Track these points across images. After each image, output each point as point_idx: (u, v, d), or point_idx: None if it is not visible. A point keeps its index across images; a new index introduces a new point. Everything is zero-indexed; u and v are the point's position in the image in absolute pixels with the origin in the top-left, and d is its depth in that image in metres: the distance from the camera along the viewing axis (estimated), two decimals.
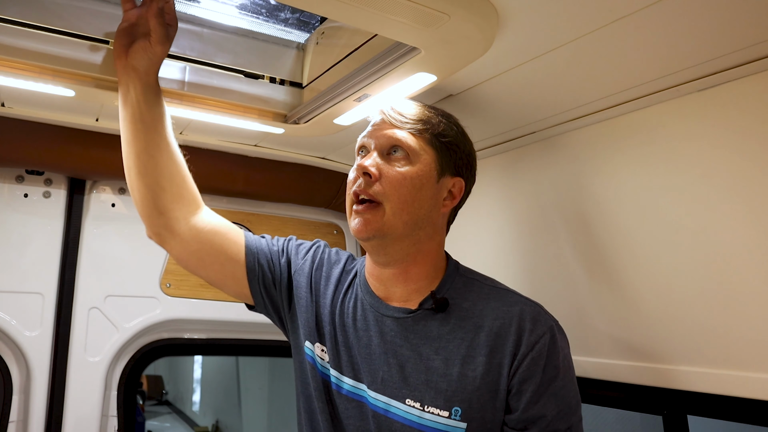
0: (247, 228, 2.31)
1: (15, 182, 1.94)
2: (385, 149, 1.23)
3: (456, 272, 1.30)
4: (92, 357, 1.99)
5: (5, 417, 1.91)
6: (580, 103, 1.47)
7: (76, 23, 1.42)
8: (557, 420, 1.13)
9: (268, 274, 1.38)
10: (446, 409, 1.14)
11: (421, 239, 1.24)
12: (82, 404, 1.98)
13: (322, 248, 1.46)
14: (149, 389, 10.49)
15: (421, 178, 1.20)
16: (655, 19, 1.07)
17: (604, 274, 1.58)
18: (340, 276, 1.38)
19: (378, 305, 1.27)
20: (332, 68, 1.57)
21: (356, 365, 1.26)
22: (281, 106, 1.72)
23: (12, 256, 1.91)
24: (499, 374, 1.14)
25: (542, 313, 1.20)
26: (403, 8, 1.02)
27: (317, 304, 1.35)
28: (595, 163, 1.57)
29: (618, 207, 1.52)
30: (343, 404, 1.25)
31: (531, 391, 1.13)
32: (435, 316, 1.22)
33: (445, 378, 1.16)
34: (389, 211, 1.18)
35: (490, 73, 1.37)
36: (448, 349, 1.18)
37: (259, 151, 2.10)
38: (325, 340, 1.31)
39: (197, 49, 1.61)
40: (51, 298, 1.96)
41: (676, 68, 1.25)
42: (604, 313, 1.61)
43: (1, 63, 1.40)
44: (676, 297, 1.42)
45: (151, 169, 1.28)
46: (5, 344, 1.92)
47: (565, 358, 1.18)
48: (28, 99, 1.64)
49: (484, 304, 1.22)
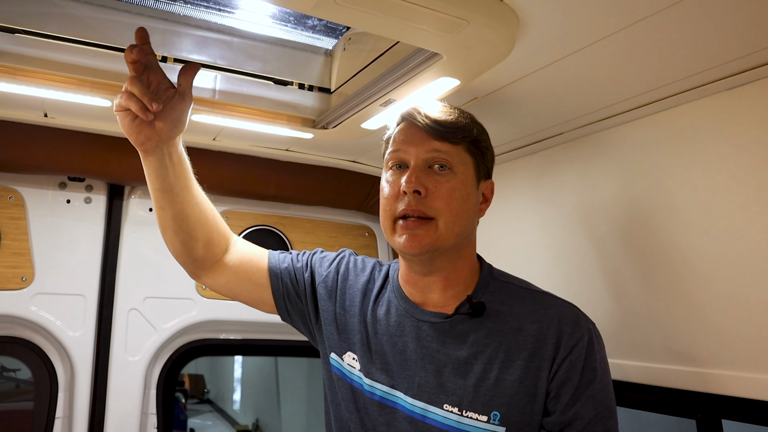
0: (281, 232, 2.36)
1: (58, 189, 2.02)
2: (427, 163, 1.20)
3: (490, 276, 1.29)
4: (132, 356, 2.06)
5: (52, 413, 2.00)
6: (607, 104, 1.46)
7: (110, 36, 1.48)
8: (594, 422, 1.12)
9: (292, 292, 1.41)
10: (485, 414, 1.13)
11: (463, 247, 1.24)
12: (123, 402, 2.05)
13: (347, 257, 1.46)
14: (191, 388, 10.67)
15: (466, 188, 1.20)
16: (679, 18, 1.06)
17: (641, 275, 1.56)
18: (368, 283, 1.38)
19: (414, 311, 1.27)
20: (359, 74, 1.60)
21: (390, 371, 1.25)
22: (310, 112, 1.75)
23: (56, 259, 2.00)
24: (538, 378, 1.13)
25: (580, 316, 1.19)
26: (423, 16, 1.04)
27: (345, 312, 1.36)
28: (626, 162, 1.56)
29: (652, 206, 1.50)
30: (376, 411, 1.25)
31: (569, 394, 1.12)
32: (472, 320, 1.21)
33: (484, 382, 1.15)
34: (442, 225, 1.17)
35: (516, 75, 1.37)
36: (486, 353, 1.17)
37: (290, 155, 2.14)
38: (355, 348, 1.32)
39: (227, 57, 1.65)
40: (93, 299, 2.04)
41: (703, 67, 1.23)
42: (638, 316, 1.58)
43: (42, 76, 1.47)
44: (712, 299, 1.39)
45: (183, 225, 1.31)
46: (51, 344, 2.00)
47: (602, 361, 1.17)
48: (68, 109, 1.71)
49: (520, 307, 1.21)
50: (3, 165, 1.86)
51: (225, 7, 1.60)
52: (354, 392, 1.29)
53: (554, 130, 1.66)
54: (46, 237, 1.99)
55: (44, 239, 1.98)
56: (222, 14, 1.63)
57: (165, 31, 1.58)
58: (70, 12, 1.45)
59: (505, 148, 1.85)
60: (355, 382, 1.30)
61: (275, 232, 2.35)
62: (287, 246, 2.36)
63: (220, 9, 1.61)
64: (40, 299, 1.95)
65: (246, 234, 2.29)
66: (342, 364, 1.33)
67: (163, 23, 1.57)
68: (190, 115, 1.23)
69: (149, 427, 2.12)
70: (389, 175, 1.24)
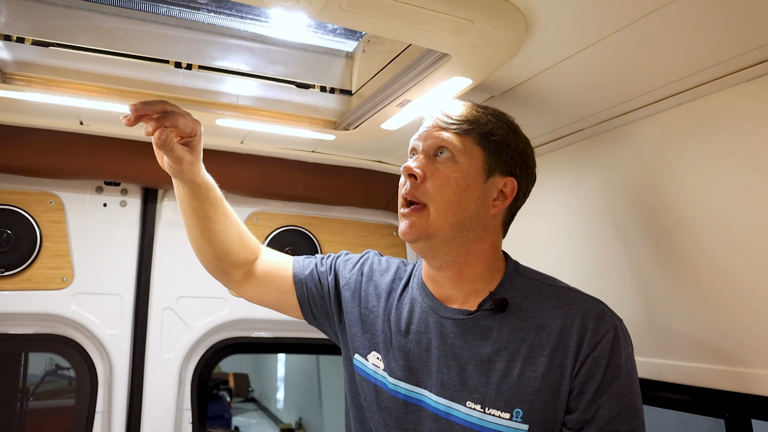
0: (310, 232, 2.40)
1: (95, 193, 2.12)
2: (432, 151, 1.23)
3: (515, 272, 1.28)
4: (167, 354, 2.14)
5: (92, 407, 2.09)
6: (626, 98, 1.44)
7: (137, 45, 1.54)
8: (618, 420, 1.09)
9: (317, 296, 1.44)
10: (507, 411, 1.13)
11: (471, 240, 1.23)
12: (159, 397, 2.13)
13: (371, 258, 1.48)
14: (236, 387, 10.86)
15: (466, 178, 1.20)
16: (696, 8, 1.04)
17: (668, 272, 1.53)
18: (392, 283, 1.40)
19: (437, 307, 1.27)
20: (377, 75, 1.63)
21: (414, 369, 1.26)
22: (331, 114, 1.79)
23: (94, 260, 2.09)
24: (561, 375, 1.12)
25: (606, 311, 1.17)
26: (427, 18, 1.06)
27: (369, 313, 1.38)
28: (648, 157, 1.53)
29: (677, 201, 1.47)
30: (401, 410, 1.25)
31: (592, 391, 1.10)
32: (495, 316, 1.20)
33: (506, 379, 1.14)
34: (434, 212, 1.19)
35: (530, 73, 1.37)
36: (509, 350, 1.16)
37: (316, 156, 2.18)
38: (379, 348, 1.33)
39: (250, 63, 1.70)
40: (129, 299, 2.12)
41: (723, 58, 1.20)
42: (665, 313, 1.56)
43: (75, 86, 1.55)
44: (741, 297, 1.35)
45: (211, 243, 1.38)
46: (91, 341, 2.10)
47: (628, 358, 1.14)
48: (102, 117, 1.79)
49: (545, 303, 1.19)
50: (43, 171, 1.96)
51: (247, 14, 1.65)
52: (377, 392, 1.30)
53: (575, 126, 1.65)
54: (84, 239, 2.08)
55: (83, 241, 2.08)
56: (245, 21, 1.68)
57: (190, 39, 1.63)
58: (99, 24, 1.52)
59: (532, 143, 1.85)
60: (379, 381, 1.30)
61: (304, 232, 2.40)
62: (316, 246, 2.40)
63: (242, 16, 1.66)
64: (80, 299, 2.05)
65: (275, 234, 2.34)
66: (366, 364, 1.34)
67: (188, 32, 1.63)
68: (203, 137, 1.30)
69: (184, 422, 2.19)
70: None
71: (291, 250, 2.35)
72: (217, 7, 1.62)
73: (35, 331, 2.06)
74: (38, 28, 1.49)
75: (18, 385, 2.35)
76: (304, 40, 1.74)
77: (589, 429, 1.09)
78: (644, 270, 1.59)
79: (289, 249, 2.34)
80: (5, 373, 2.26)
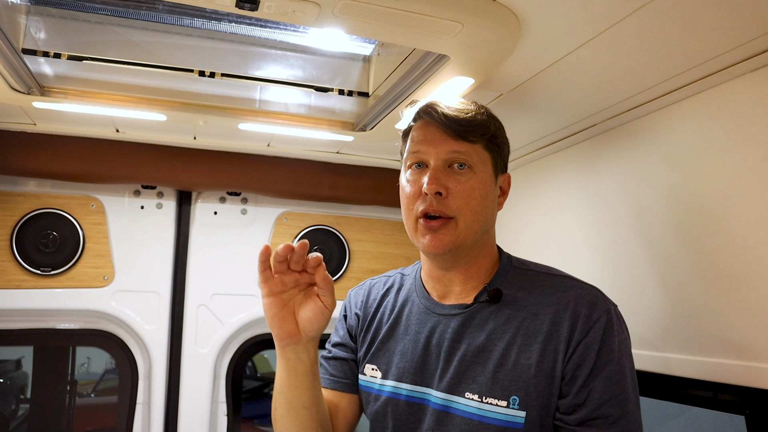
0: (338, 231, 2.47)
1: (133, 196, 2.24)
2: (446, 163, 1.21)
3: (509, 264, 1.31)
4: (202, 348, 2.25)
5: (134, 399, 2.22)
6: (638, 90, 1.44)
7: (162, 56, 1.64)
8: (609, 405, 1.09)
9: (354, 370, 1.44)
10: (504, 399, 1.15)
11: (484, 240, 1.27)
12: (195, 390, 2.24)
13: (351, 295, 1.50)
14: None
15: (485, 185, 1.22)
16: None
17: (689, 267, 1.52)
18: (383, 296, 1.43)
19: (434, 306, 1.31)
20: (390, 77, 1.68)
21: (415, 369, 1.28)
22: (348, 116, 1.85)
23: (132, 260, 2.22)
24: (555, 360, 1.13)
25: (599, 297, 1.18)
26: (419, 22, 1.10)
27: (364, 334, 1.41)
28: (665, 149, 1.51)
29: (697, 194, 1.45)
30: (404, 411, 1.28)
31: (584, 376, 1.11)
32: (490, 308, 1.23)
33: (502, 368, 1.17)
34: (462, 224, 1.20)
35: (535, 69, 1.39)
36: (505, 339, 1.19)
37: (341, 157, 2.25)
38: (375, 359, 1.36)
39: (271, 69, 1.78)
40: (166, 296, 2.24)
41: (740, 41, 1.18)
42: (686, 308, 1.54)
43: (108, 97, 1.66)
44: (763, 291, 1.32)
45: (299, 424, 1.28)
46: (131, 336, 2.22)
47: (621, 344, 1.15)
48: (135, 124, 1.90)
49: (539, 291, 1.22)
50: (85, 176, 2.09)
51: (267, 23, 1.72)
52: (378, 400, 1.33)
53: (588, 121, 1.66)
54: (123, 240, 2.21)
55: (122, 242, 2.21)
56: (265, 29, 1.76)
57: (212, 49, 1.72)
58: (128, 38, 1.63)
59: (541, 142, 1.86)
60: (380, 390, 1.33)
61: (332, 231, 2.47)
62: (344, 244, 2.46)
63: (262, 25, 1.74)
64: (120, 296, 2.18)
65: (304, 234, 2.42)
66: (365, 379, 1.38)
67: (210, 42, 1.72)
68: None
69: (219, 414, 2.30)
70: (409, 174, 1.26)
71: (320, 248, 2.43)
72: (238, 17, 1.71)
73: (80, 326, 2.20)
74: (73, 43, 1.61)
75: (66, 377, 2.50)
76: (322, 45, 1.81)
77: (581, 412, 1.10)
78: (664, 266, 1.58)
79: (317, 247, 2.42)
80: (55, 365, 2.42)
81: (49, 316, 2.15)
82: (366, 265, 2.50)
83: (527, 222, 2.05)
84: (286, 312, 1.17)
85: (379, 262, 2.50)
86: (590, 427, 1.10)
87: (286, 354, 1.20)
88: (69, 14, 1.61)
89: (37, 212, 2.12)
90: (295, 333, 1.18)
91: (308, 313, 1.17)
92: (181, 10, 1.63)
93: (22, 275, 2.07)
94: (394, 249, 2.55)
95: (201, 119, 1.74)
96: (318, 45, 1.80)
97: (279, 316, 1.17)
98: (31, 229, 2.10)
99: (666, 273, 1.58)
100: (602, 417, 1.10)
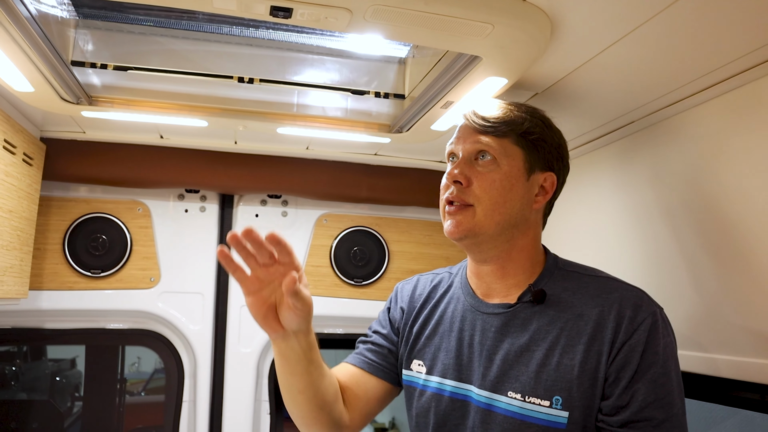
0: (377, 232, 2.49)
1: (177, 200, 2.31)
2: (472, 155, 1.27)
3: (555, 265, 1.31)
4: (245, 348, 2.30)
5: (180, 397, 2.29)
6: (673, 87, 1.41)
7: (202, 64, 1.69)
8: (653, 408, 1.09)
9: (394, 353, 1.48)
10: (547, 399, 1.15)
11: (515, 236, 1.27)
12: (239, 389, 2.29)
13: (399, 289, 1.53)
14: None
15: (510, 179, 1.24)
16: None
17: (726, 266, 1.49)
18: (430, 293, 1.45)
19: (478, 305, 1.32)
20: (424, 78, 1.69)
21: (459, 366, 1.30)
22: (385, 118, 1.87)
23: (178, 262, 2.28)
24: (598, 362, 1.13)
25: (644, 299, 1.17)
26: (449, 24, 1.11)
27: (409, 329, 1.43)
28: (702, 147, 1.49)
29: (733, 192, 1.42)
30: (447, 407, 1.30)
31: (627, 378, 1.11)
32: (534, 308, 1.24)
33: (545, 368, 1.17)
34: (480, 212, 1.23)
35: (569, 68, 1.38)
36: (548, 339, 1.19)
37: (379, 159, 2.27)
38: (420, 354, 1.39)
39: (308, 73, 1.81)
40: (210, 297, 2.30)
41: (763, 42, 1.17)
42: (736, 307, 1.50)
43: (152, 104, 1.72)
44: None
45: (315, 391, 1.29)
46: (177, 336, 2.29)
47: (667, 347, 1.14)
48: (178, 130, 1.97)
49: (583, 293, 1.22)
50: (131, 182, 2.17)
51: (303, 28, 1.75)
52: (422, 395, 1.35)
53: (624, 119, 1.63)
54: (168, 242, 2.28)
55: (167, 244, 2.28)
56: (302, 35, 1.79)
57: (251, 55, 1.77)
58: (169, 47, 1.68)
59: (578, 141, 1.84)
60: (425, 386, 1.35)
61: (372, 232, 2.49)
62: (384, 245, 2.48)
63: (299, 31, 1.77)
64: (166, 297, 2.25)
65: (344, 235, 2.45)
66: (411, 374, 1.40)
67: (249, 48, 1.76)
68: None
69: (263, 412, 2.34)
70: (447, 168, 1.33)
71: (359, 249, 2.45)
72: (275, 24, 1.74)
73: (129, 326, 2.28)
74: (118, 54, 1.67)
75: (116, 375, 2.59)
76: (358, 49, 1.83)
77: (624, 414, 1.10)
78: (701, 264, 1.54)
79: (357, 248, 2.45)
80: (106, 364, 2.51)
81: (100, 317, 2.24)
82: (405, 265, 2.51)
83: (567, 222, 2.02)
84: (266, 309, 1.14)
85: (419, 262, 2.51)
86: (633, 429, 1.09)
87: (277, 343, 1.20)
88: (114, 26, 1.67)
89: (88, 217, 2.20)
90: (278, 328, 1.15)
91: (284, 312, 1.14)
92: (221, 19, 1.67)
93: (74, 277, 2.16)
94: (433, 249, 2.56)
95: (241, 124, 1.78)
96: (354, 49, 1.82)
97: (260, 314, 1.14)
98: (82, 233, 2.19)
99: (710, 273, 1.55)
100: (646, 420, 1.09)
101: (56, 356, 4.85)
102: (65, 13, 1.58)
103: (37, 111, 1.82)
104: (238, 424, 2.27)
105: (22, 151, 1.81)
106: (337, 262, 2.43)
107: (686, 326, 1.55)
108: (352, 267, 2.45)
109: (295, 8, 1.08)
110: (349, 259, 2.45)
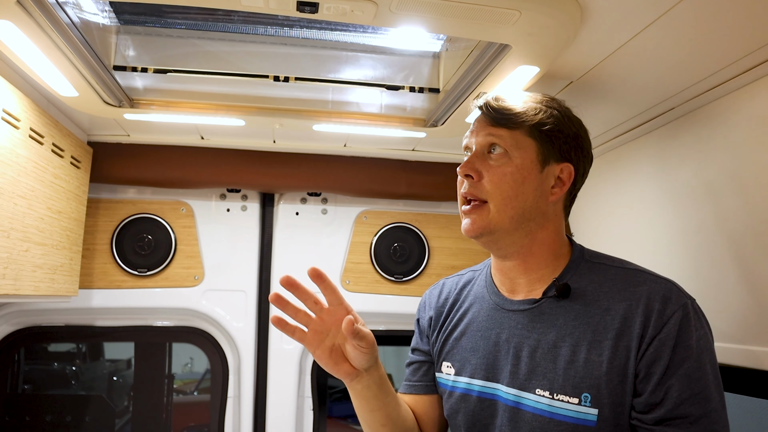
0: (417, 228, 2.48)
1: (219, 200, 2.36)
2: (484, 148, 1.25)
3: (581, 257, 1.27)
4: (287, 345, 2.33)
5: (225, 393, 2.33)
6: (713, 71, 1.35)
7: (239, 64, 1.72)
8: (689, 404, 1.05)
9: None
10: (576, 396, 1.12)
11: (533, 230, 1.24)
12: (282, 385, 2.32)
13: (426, 296, 1.53)
14: None
15: (522, 171, 1.21)
16: None
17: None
18: (456, 296, 1.44)
19: (503, 302, 1.30)
20: (457, 71, 1.67)
21: (486, 365, 1.29)
22: (419, 112, 1.86)
23: (221, 260, 2.33)
24: (627, 358, 1.10)
25: (674, 292, 1.13)
26: (475, 12, 1.10)
27: (437, 333, 1.43)
28: (747, 131, 1.43)
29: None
30: (476, 407, 1.29)
31: (659, 374, 1.07)
32: (559, 303, 1.21)
33: (573, 365, 1.14)
34: (493, 208, 1.21)
35: (602, 54, 1.34)
36: (575, 335, 1.16)
37: (416, 155, 2.27)
38: (449, 356, 1.38)
39: (342, 70, 1.82)
40: (252, 294, 2.34)
41: None
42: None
43: (192, 106, 1.77)
44: None
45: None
46: (221, 333, 2.34)
47: (700, 339, 1.09)
48: (218, 131, 2.01)
49: (610, 286, 1.18)
50: (175, 182, 2.22)
51: (337, 25, 1.76)
52: (452, 396, 1.34)
53: (663, 106, 1.57)
54: (211, 241, 2.33)
55: (210, 243, 2.33)
56: (335, 32, 1.80)
57: (285, 54, 1.78)
58: (206, 49, 1.72)
59: (617, 130, 1.79)
60: (455, 387, 1.34)
61: (411, 228, 2.48)
62: (423, 241, 2.47)
63: (332, 28, 1.78)
64: (210, 295, 2.30)
65: (384, 231, 2.45)
66: (441, 376, 1.39)
67: (283, 47, 1.78)
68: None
69: (306, 408, 2.37)
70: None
71: (399, 245, 2.45)
72: (309, 22, 1.76)
73: (174, 324, 2.34)
74: (158, 58, 1.72)
75: (164, 372, 2.66)
76: (392, 44, 1.82)
77: (658, 411, 1.06)
78: (748, 253, 1.48)
79: (397, 245, 2.44)
80: (154, 362, 2.58)
81: (147, 314, 2.31)
82: (445, 261, 2.49)
83: (607, 213, 1.97)
84: (336, 356, 1.21)
85: (459, 258, 2.49)
86: (669, 426, 1.05)
87: (353, 386, 1.25)
88: (153, 31, 1.72)
89: (134, 217, 2.27)
90: (351, 371, 1.21)
91: (350, 354, 1.20)
92: (256, 20, 1.70)
93: (122, 276, 2.23)
94: (473, 245, 2.52)
95: (277, 122, 1.80)
96: (388, 44, 1.82)
97: (330, 363, 1.21)
98: (128, 233, 2.26)
99: (758, 262, 1.48)
100: (682, 416, 1.05)
101: (113, 357, 5.03)
102: (107, 20, 1.63)
103: (84, 116, 1.88)
104: (282, 420, 2.30)
105: (70, 155, 1.88)
106: (377, 259, 2.44)
107: (733, 318, 1.49)
108: (392, 263, 2.45)
109: (321, 3, 1.09)
110: (390, 255, 2.45)
